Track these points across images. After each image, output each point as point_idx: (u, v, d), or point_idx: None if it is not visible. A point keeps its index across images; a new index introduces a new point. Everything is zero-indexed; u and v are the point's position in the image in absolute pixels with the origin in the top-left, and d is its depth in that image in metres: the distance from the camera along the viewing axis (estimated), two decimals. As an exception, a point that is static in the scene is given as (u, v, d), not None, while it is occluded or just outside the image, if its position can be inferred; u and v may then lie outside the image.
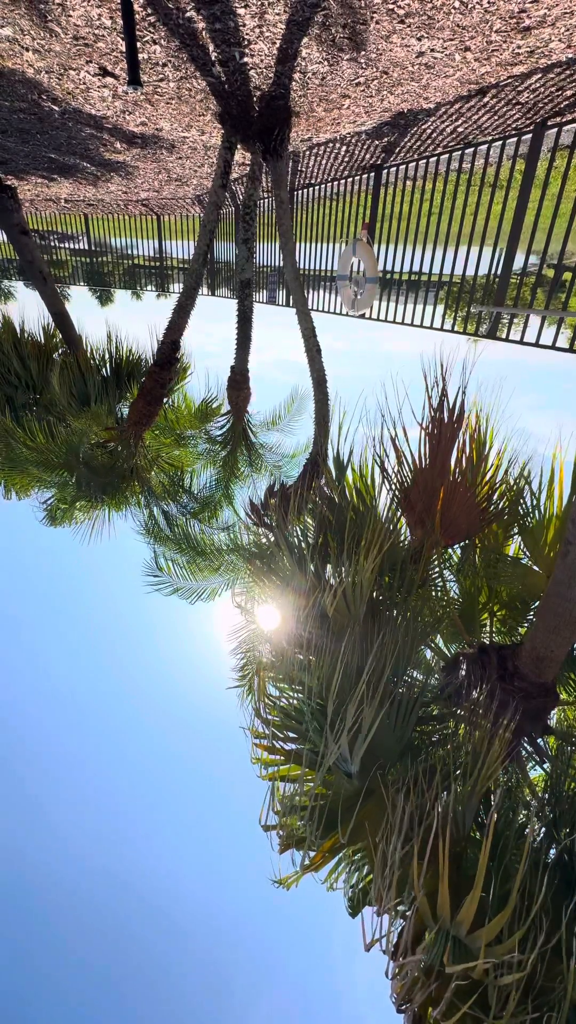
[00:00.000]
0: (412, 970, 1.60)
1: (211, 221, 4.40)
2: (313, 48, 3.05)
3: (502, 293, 4.63)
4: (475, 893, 1.53)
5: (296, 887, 2.11)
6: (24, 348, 6.27)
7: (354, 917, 2.18)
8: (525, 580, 2.91)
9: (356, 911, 2.30)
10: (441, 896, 1.60)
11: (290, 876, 2.11)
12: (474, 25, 2.79)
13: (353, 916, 2.21)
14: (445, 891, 1.59)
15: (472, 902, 1.54)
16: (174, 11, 2.69)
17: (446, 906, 1.60)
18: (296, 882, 2.11)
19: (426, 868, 1.64)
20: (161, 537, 5.06)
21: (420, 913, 1.67)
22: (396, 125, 4.47)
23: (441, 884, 1.60)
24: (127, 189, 7.59)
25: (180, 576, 4.68)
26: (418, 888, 1.63)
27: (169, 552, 4.89)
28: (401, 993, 1.64)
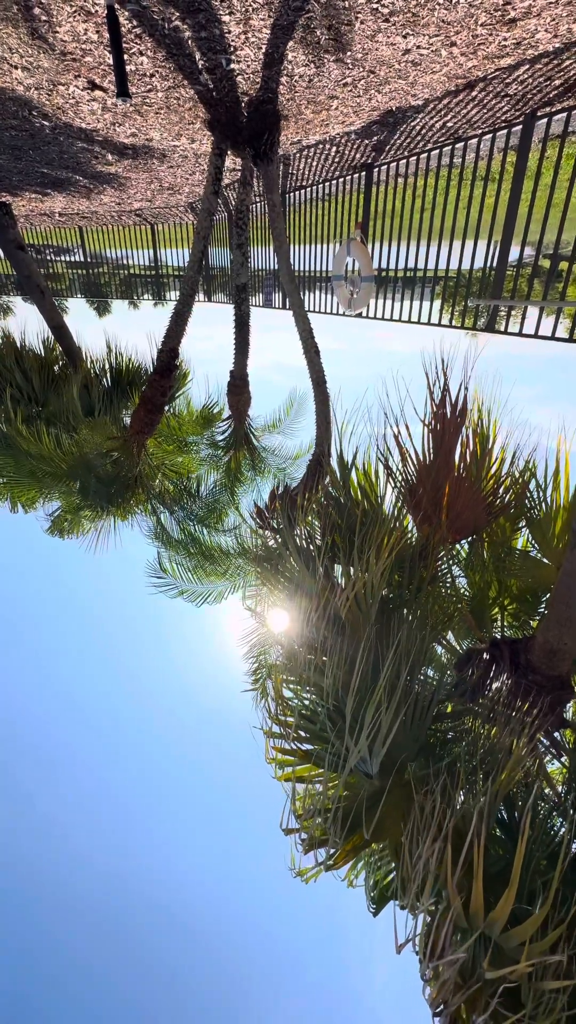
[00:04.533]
0: (449, 972, 1.58)
1: (204, 228, 4.42)
2: (299, 51, 3.07)
3: (499, 286, 4.62)
4: (511, 890, 1.52)
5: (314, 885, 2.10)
6: (26, 362, 6.32)
7: (376, 916, 2.17)
8: (535, 573, 2.89)
9: (379, 910, 2.28)
10: (475, 894, 1.58)
11: (310, 869, 2.10)
12: (459, 20, 2.79)
13: (375, 915, 2.19)
14: (479, 889, 1.58)
15: (508, 900, 1.52)
16: (159, 22, 2.71)
17: (480, 905, 1.58)
18: (315, 876, 2.11)
19: (459, 866, 1.62)
20: (170, 543, 5.08)
21: (452, 913, 1.65)
22: (385, 123, 4.47)
23: (475, 882, 1.58)
24: (120, 200, 7.64)
25: (186, 580, 4.70)
26: (452, 887, 1.61)
27: (177, 557, 4.91)
28: (438, 996, 1.62)
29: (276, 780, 2.32)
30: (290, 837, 2.14)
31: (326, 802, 2.15)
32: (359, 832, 2.07)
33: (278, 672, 2.81)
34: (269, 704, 2.54)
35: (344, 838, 2.10)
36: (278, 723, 2.45)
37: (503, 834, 2.16)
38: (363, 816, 1.96)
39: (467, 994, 1.56)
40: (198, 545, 4.93)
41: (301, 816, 2.17)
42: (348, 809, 2.12)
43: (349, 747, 2.00)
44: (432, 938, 1.67)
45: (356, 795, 2.18)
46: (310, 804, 2.22)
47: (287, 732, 2.40)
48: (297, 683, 2.66)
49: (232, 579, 4.74)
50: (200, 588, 4.70)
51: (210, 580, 4.72)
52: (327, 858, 2.10)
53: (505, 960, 1.57)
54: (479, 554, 3.08)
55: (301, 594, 2.78)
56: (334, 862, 2.12)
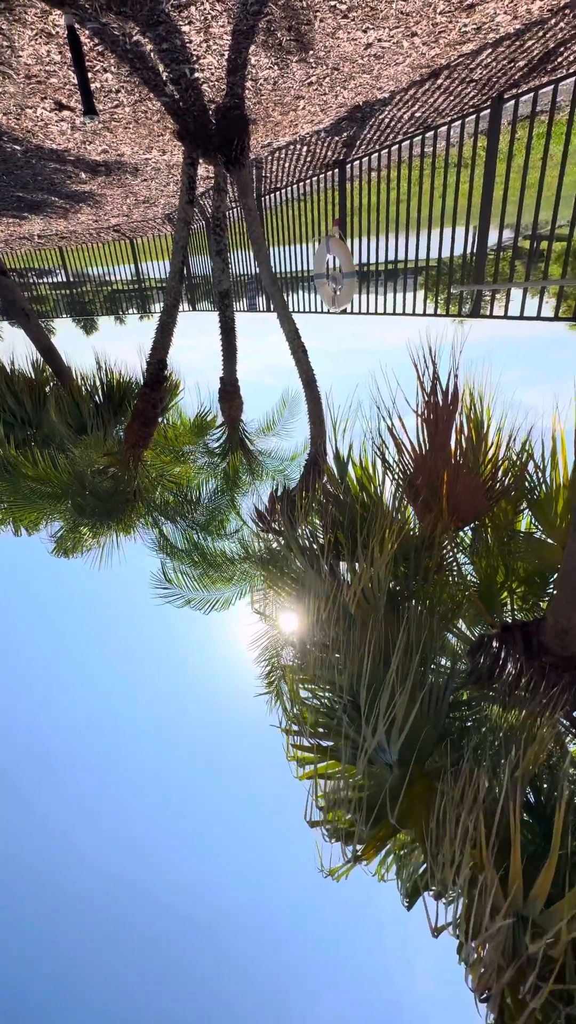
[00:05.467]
0: (492, 954, 1.57)
1: (183, 238, 4.44)
2: (261, 55, 3.08)
3: (480, 270, 4.62)
4: (550, 864, 1.51)
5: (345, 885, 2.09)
6: (16, 385, 6.34)
7: (410, 909, 2.16)
8: (541, 554, 2.89)
9: (412, 902, 2.28)
10: (513, 870, 1.58)
11: (339, 867, 2.10)
12: (418, 10, 2.79)
13: (409, 908, 2.19)
14: (517, 864, 1.57)
15: (547, 875, 1.51)
16: (120, 37, 2.72)
17: (518, 882, 1.57)
18: (346, 874, 2.10)
19: (492, 848, 1.62)
20: (174, 554, 5.09)
21: (490, 894, 1.65)
22: (354, 119, 4.48)
23: (513, 857, 1.58)
24: (97, 217, 7.67)
25: (192, 588, 4.71)
26: (489, 867, 1.60)
27: (182, 567, 4.91)
28: (481, 981, 1.61)
29: (297, 779, 2.32)
30: (317, 841, 2.14)
31: (351, 792, 2.15)
32: (385, 821, 2.06)
33: (292, 672, 2.81)
34: (286, 704, 2.54)
35: (371, 829, 2.10)
36: (296, 722, 2.46)
37: (530, 818, 2.15)
38: (388, 805, 1.95)
39: (512, 973, 1.55)
40: (202, 553, 4.93)
41: (325, 809, 2.16)
42: (373, 800, 2.12)
43: (367, 736, 2.00)
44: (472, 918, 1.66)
45: (379, 786, 2.18)
46: (334, 796, 2.22)
47: (305, 730, 2.40)
48: (312, 681, 2.66)
49: (239, 584, 4.75)
50: (207, 595, 4.70)
51: (216, 587, 4.73)
52: (355, 851, 2.10)
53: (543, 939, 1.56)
54: (483, 539, 3.08)
55: (308, 593, 2.78)
56: (363, 854, 2.12)
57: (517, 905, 1.60)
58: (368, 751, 1.99)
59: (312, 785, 2.21)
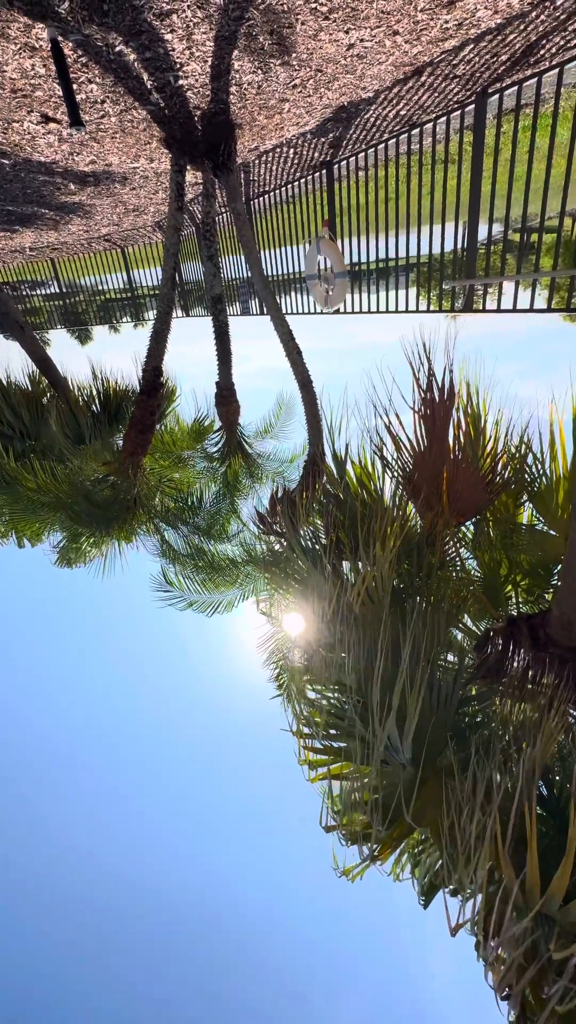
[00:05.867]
0: (513, 952, 1.56)
1: (173, 244, 4.45)
2: (244, 60, 3.09)
3: (472, 265, 4.62)
4: (567, 861, 1.50)
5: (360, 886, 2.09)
6: (13, 398, 6.35)
7: (427, 908, 2.15)
8: (543, 546, 2.88)
9: (429, 900, 2.26)
10: (530, 867, 1.57)
11: (355, 867, 2.09)
12: (399, 8, 2.80)
13: (426, 907, 2.18)
14: (534, 861, 1.56)
15: (565, 872, 1.51)
16: (103, 48, 2.74)
17: (536, 879, 1.56)
18: (361, 874, 2.09)
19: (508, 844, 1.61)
20: (177, 558, 5.09)
21: (507, 891, 1.64)
22: (339, 119, 4.49)
23: (530, 854, 1.57)
24: (88, 228, 7.69)
25: (195, 591, 4.71)
26: (506, 864, 1.60)
27: (184, 571, 4.92)
28: (503, 979, 1.60)
29: (309, 782, 2.31)
30: (330, 841, 2.13)
31: (365, 794, 2.14)
32: (400, 821, 2.06)
33: (300, 674, 2.80)
34: (295, 706, 2.54)
35: (386, 829, 2.09)
36: (306, 724, 2.45)
37: (543, 811, 2.14)
38: (403, 804, 1.95)
39: (534, 973, 1.54)
40: (204, 557, 4.93)
41: (340, 812, 2.16)
42: (387, 800, 2.11)
43: (379, 736, 1.99)
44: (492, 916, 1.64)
45: (393, 785, 2.17)
46: (348, 798, 2.21)
47: (316, 732, 2.40)
48: (320, 682, 2.65)
49: (242, 586, 4.75)
50: (210, 598, 4.71)
51: (220, 590, 4.73)
52: (371, 851, 2.09)
53: (564, 937, 1.55)
54: (485, 533, 3.07)
55: (313, 594, 2.77)
56: (379, 853, 2.11)
57: (535, 902, 1.59)
58: (381, 751, 1.98)
59: (325, 789, 2.21)
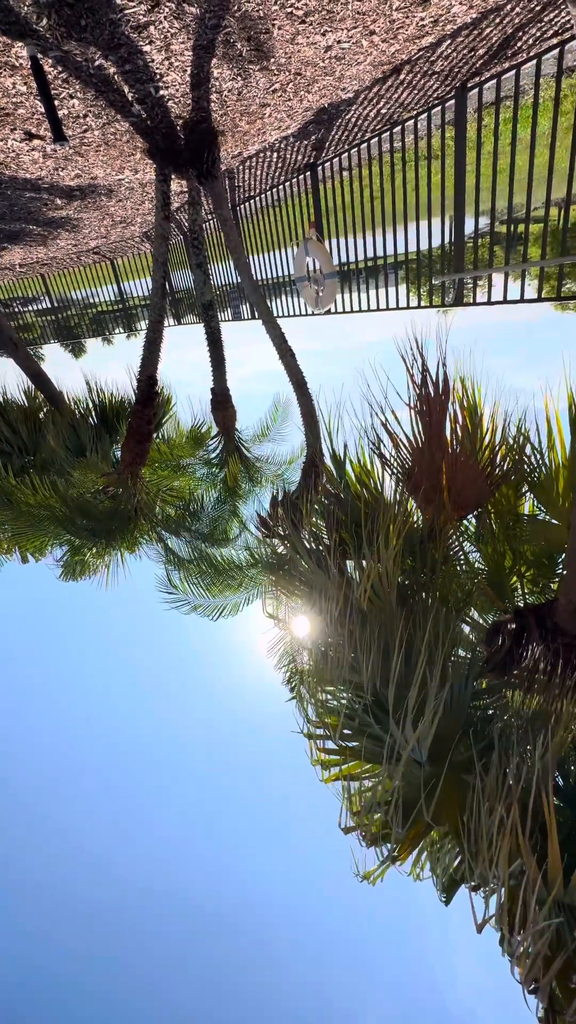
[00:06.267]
0: (538, 944, 1.54)
1: (162, 254, 4.46)
2: (223, 67, 3.11)
3: (460, 259, 4.63)
4: None
5: (381, 888, 2.07)
6: (10, 414, 6.38)
7: (448, 904, 2.14)
8: (546, 535, 2.87)
9: (450, 897, 2.25)
10: (552, 858, 1.56)
11: (374, 870, 2.08)
12: (374, 8, 2.82)
13: (447, 903, 2.16)
14: (556, 853, 1.55)
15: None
16: (83, 63, 2.75)
17: (558, 869, 1.55)
18: (381, 876, 2.08)
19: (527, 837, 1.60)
20: (182, 564, 5.11)
21: (530, 883, 1.63)
22: (320, 121, 4.51)
23: (551, 847, 1.56)
24: (76, 241, 7.73)
25: (199, 595, 4.72)
26: (528, 857, 1.58)
27: (191, 577, 4.93)
28: (529, 972, 1.58)
29: (323, 783, 2.30)
30: (349, 844, 2.12)
31: (383, 794, 2.13)
32: (419, 819, 2.05)
33: (310, 676, 2.80)
34: (306, 708, 2.53)
35: (404, 828, 2.08)
36: (319, 725, 2.44)
37: (560, 801, 2.13)
38: (422, 802, 1.93)
39: (560, 964, 1.52)
40: (208, 562, 4.94)
41: (358, 813, 2.15)
42: (404, 799, 2.10)
43: (396, 736, 1.98)
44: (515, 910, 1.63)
45: (410, 784, 2.16)
46: (365, 800, 2.20)
47: (329, 732, 2.39)
48: (330, 683, 2.65)
49: (247, 589, 4.75)
50: (214, 602, 4.71)
51: (224, 595, 4.73)
52: (391, 851, 2.08)
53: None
54: (487, 526, 3.06)
55: (318, 595, 2.77)
56: (398, 853, 2.10)
57: (558, 894, 1.58)
58: (398, 749, 1.97)
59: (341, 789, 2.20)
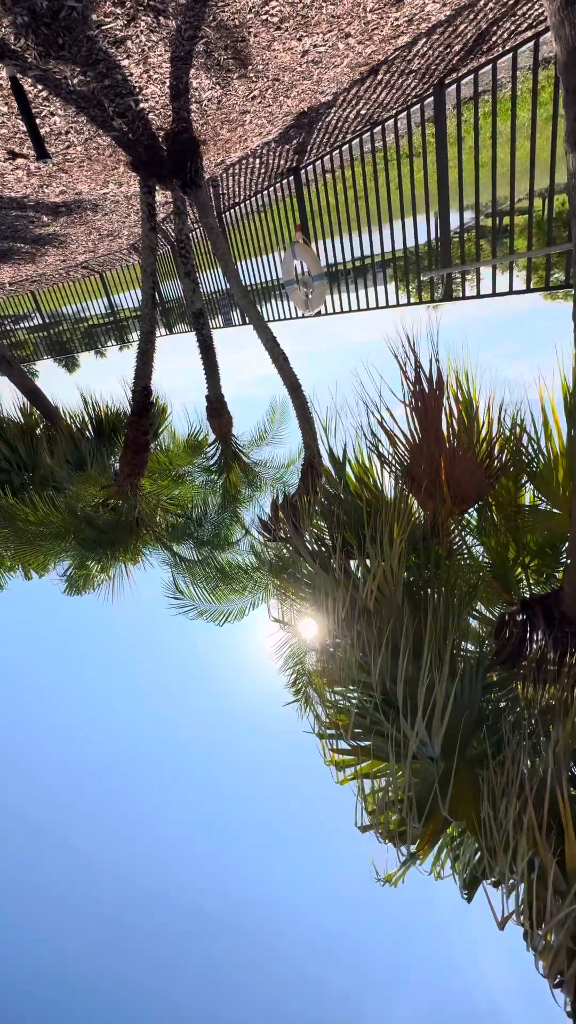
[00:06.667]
0: (559, 936, 1.53)
1: (150, 265, 4.48)
2: (202, 77, 3.13)
3: (446, 254, 4.64)
4: None
5: (403, 890, 2.06)
6: (7, 432, 6.39)
7: (470, 901, 2.13)
8: (549, 525, 2.87)
9: (471, 893, 2.24)
10: (568, 852, 1.55)
11: (395, 872, 2.06)
12: (348, 11, 2.84)
13: (469, 900, 2.15)
14: (573, 844, 1.54)
15: None
16: (63, 80, 2.77)
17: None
18: (402, 877, 2.07)
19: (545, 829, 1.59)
20: (188, 569, 5.11)
21: (549, 877, 1.62)
22: (301, 125, 4.54)
23: (567, 838, 1.55)
24: (64, 257, 7.76)
25: (205, 600, 4.72)
26: (545, 850, 1.58)
27: (196, 583, 4.93)
28: (552, 966, 1.57)
29: (339, 784, 2.29)
30: (366, 844, 2.11)
31: (397, 792, 2.12)
32: (435, 815, 2.04)
33: (319, 676, 2.79)
34: (316, 709, 2.52)
35: (423, 824, 2.07)
36: (331, 725, 2.44)
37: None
38: (438, 798, 1.93)
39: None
40: (211, 568, 4.94)
41: (373, 812, 2.14)
42: (420, 796, 2.09)
43: (407, 733, 1.97)
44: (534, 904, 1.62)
45: (426, 781, 2.16)
46: (380, 798, 2.19)
47: (341, 733, 2.38)
48: (339, 683, 2.64)
49: (252, 594, 4.75)
50: (220, 607, 4.72)
51: (229, 599, 4.73)
52: (410, 852, 2.07)
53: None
54: (489, 519, 3.06)
55: (324, 595, 2.77)
56: (416, 853, 2.09)
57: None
58: (412, 747, 1.96)
59: (356, 788, 2.19)
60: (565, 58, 1.48)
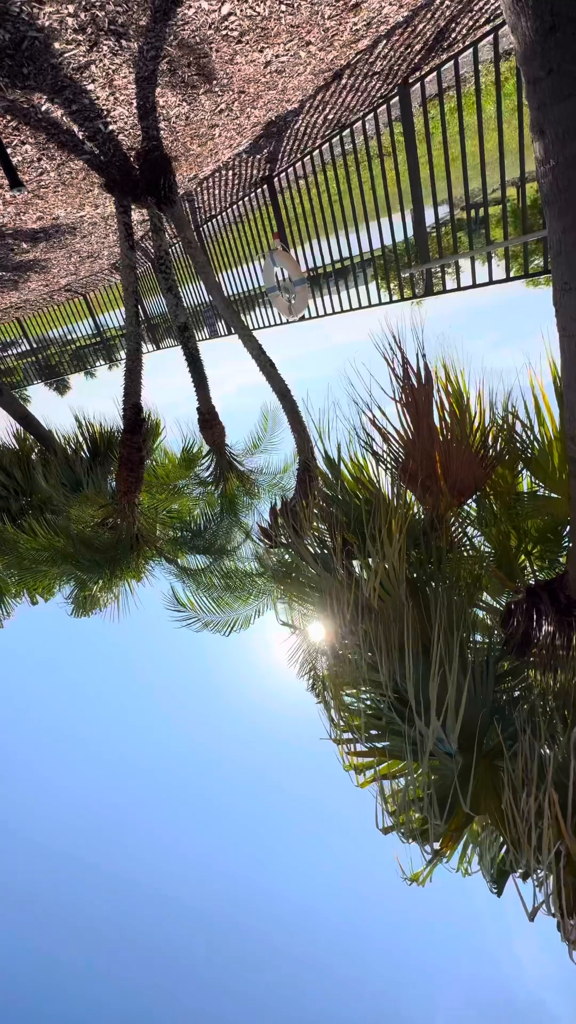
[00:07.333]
0: None
1: (131, 283, 4.51)
2: (168, 94, 3.16)
3: (424, 250, 4.67)
4: None
5: (432, 889, 2.04)
6: (3, 459, 6.41)
7: (500, 895, 2.11)
8: (548, 510, 2.87)
9: (501, 887, 2.21)
10: None
11: (422, 871, 2.05)
12: (306, 20, 2.87)
13: (499, 894, 2.13)
14: None
15: None
16: (30, 109, 2.80)
17: None
18: (429, 876, 2.05)
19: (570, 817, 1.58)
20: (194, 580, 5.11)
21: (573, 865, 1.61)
22: (271, 134, 4.58)
23: None
24: (47, 282, 7.81)
25: (208, 611, 4.71)
26: (569, 839, 1.56)
27: (199, 594, 4.93)
28: None
29: (359, 787, 2.28)
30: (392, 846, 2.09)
31: (417, 790, 2.11)
32: (457, 811, 2.02)
33: (330, 679, 2.77)
34: (331, 714, 2.51)
35: (445, 821, 2.05)
36: (347, 729, 2.42)
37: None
38: (459, 794, 1.91)
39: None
40: (214, 578, 4.94)
41: (395, 813, 2.12)
42: (441, 792, 2.08)
43: (422, 731, 1.96)
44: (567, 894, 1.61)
45: (445, 777, 2.14)
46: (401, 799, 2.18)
47: (357, 735, 2.37)
48: (352, 684, 2.63)
49: (256, 599, 4.74)
50: (225, 617, 4.71)
51: (234, 609, 4.72)
52: (435, 850, 2.05)
53: None
54: (488, 508, 3.06)
55: (329, 597, 2.76)
56: (442, 848, 2.07)
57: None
58: (429, 744, 1.95)
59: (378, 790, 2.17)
60: (524, 49, 1.49)
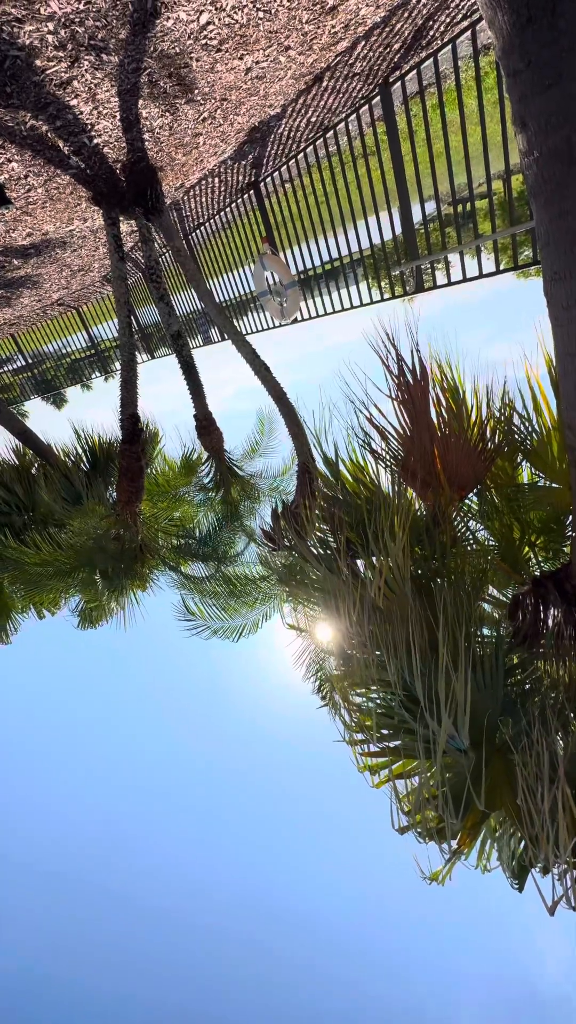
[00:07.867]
0: None
1: (123, 294, 4.53)
2: (151, 106, 3.18)
3: (413, 247, 4.68)
4: None
5: (452, 888, 2.03)
6: (3, 475, 6.43)
7: (521, 891, 2.09)
8: (550, 500, 2.86)
9: (522, 883, 2.20)
10: None
11: (441, 870, 2.03)
12: (284, 25, 2.89)
13: (520, 890, 2.12)
14: None
15: None
16: (14, 127, 2.82)
17: None
18: (449, 874, 2.04)
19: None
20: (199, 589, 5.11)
21: None
22: (255, 140, 4.60)
23: None
24: (40, 297, 7.85)
25: (216, 618, 4.71)
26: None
27: (204, 602, 4.93)
28: None
29: (374, 788, 2.27)
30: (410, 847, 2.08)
31: (432, 789, 2.10)
32: (472, 808, 2.01)
33: (339, 681, 2.77)
34: (342, 715, 2.50)
35: (461, 818, 2.04)
36: (358, 730, 2.41)
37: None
38: (472, 791, 1.90)
39: None
40: (219, 585, 4.94)
41: (410, 812, 2.11)
42: (455, 790, 2.07)
43: (433, 728, 1.95)
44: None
45: (459, 774, 2.13)
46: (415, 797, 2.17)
47: (369, 736, 2.36)
48: (361, 684, 2.62)
49: (263, 604, 4.74)
50: (232, 623, 4.71)
51: (241, 614, 4.72)
52: (453, 848, 2.04)
53: None
54: (490, 502, 3.05)
55: (335, 598, 2.75)
56: (460, 846, 2.06)
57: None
58: (441, 742, 1.94)
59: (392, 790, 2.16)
60: (502, 43, 1.49)
